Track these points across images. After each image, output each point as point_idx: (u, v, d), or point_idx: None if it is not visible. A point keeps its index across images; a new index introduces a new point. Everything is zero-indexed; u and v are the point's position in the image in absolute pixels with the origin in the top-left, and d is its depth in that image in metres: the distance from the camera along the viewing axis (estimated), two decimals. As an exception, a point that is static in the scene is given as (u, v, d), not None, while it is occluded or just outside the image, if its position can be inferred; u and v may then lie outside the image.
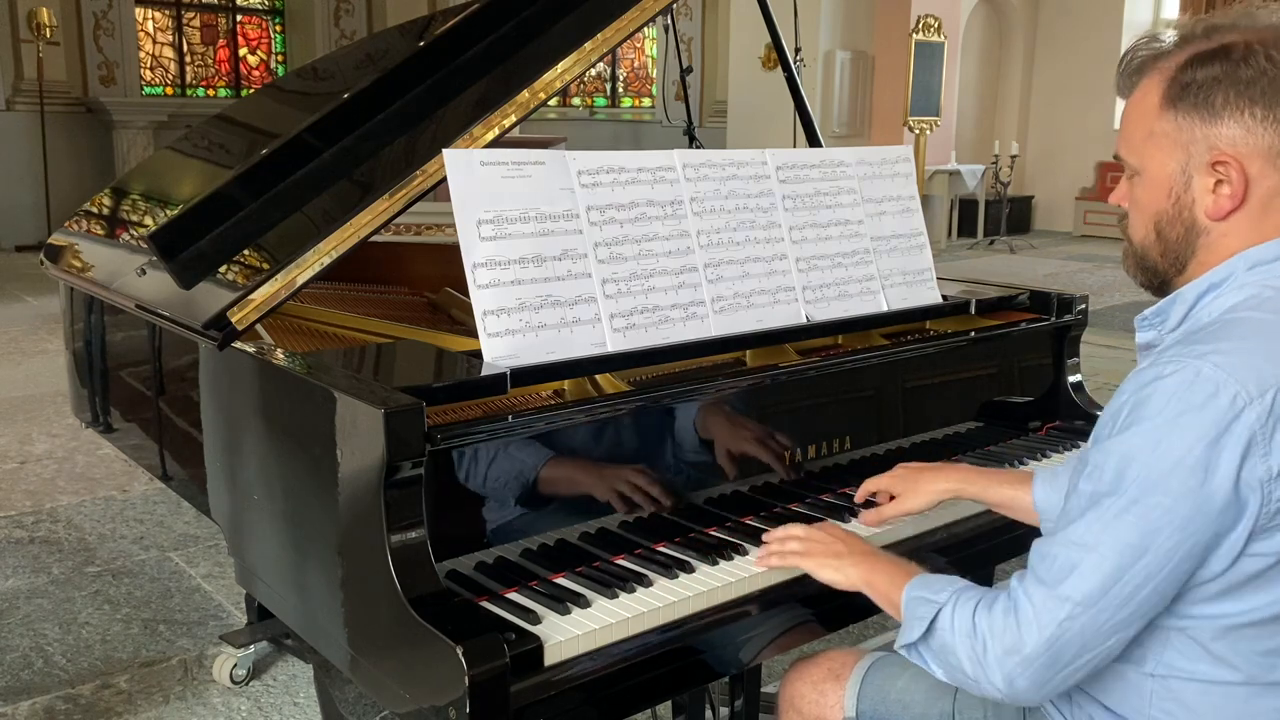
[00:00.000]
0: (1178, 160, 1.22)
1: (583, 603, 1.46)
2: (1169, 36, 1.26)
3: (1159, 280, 1.30)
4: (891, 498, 1.73)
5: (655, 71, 14.59)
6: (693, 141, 5.59)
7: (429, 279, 2.68)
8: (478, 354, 1.63)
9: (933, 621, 1.27)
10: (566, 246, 1.71)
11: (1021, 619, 1.18)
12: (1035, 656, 1.17)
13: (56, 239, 3.01)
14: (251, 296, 1.75)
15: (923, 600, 1.29)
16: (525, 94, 1.87)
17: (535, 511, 1.57)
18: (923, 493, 1.69)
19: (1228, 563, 1.14)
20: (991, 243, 11.99)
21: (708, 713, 2.10)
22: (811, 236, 2.01)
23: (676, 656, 1.48)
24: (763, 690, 2.14)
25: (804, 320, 1.96)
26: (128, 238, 2.73)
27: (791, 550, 1.52)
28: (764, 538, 1.59)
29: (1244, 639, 1.19)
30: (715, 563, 1.60)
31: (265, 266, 1.84)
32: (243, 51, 13.07)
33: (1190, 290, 1.25)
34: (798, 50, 7.18)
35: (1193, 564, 1.14)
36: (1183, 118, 1.21)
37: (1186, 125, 1.20)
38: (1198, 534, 1.12)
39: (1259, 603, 1.17)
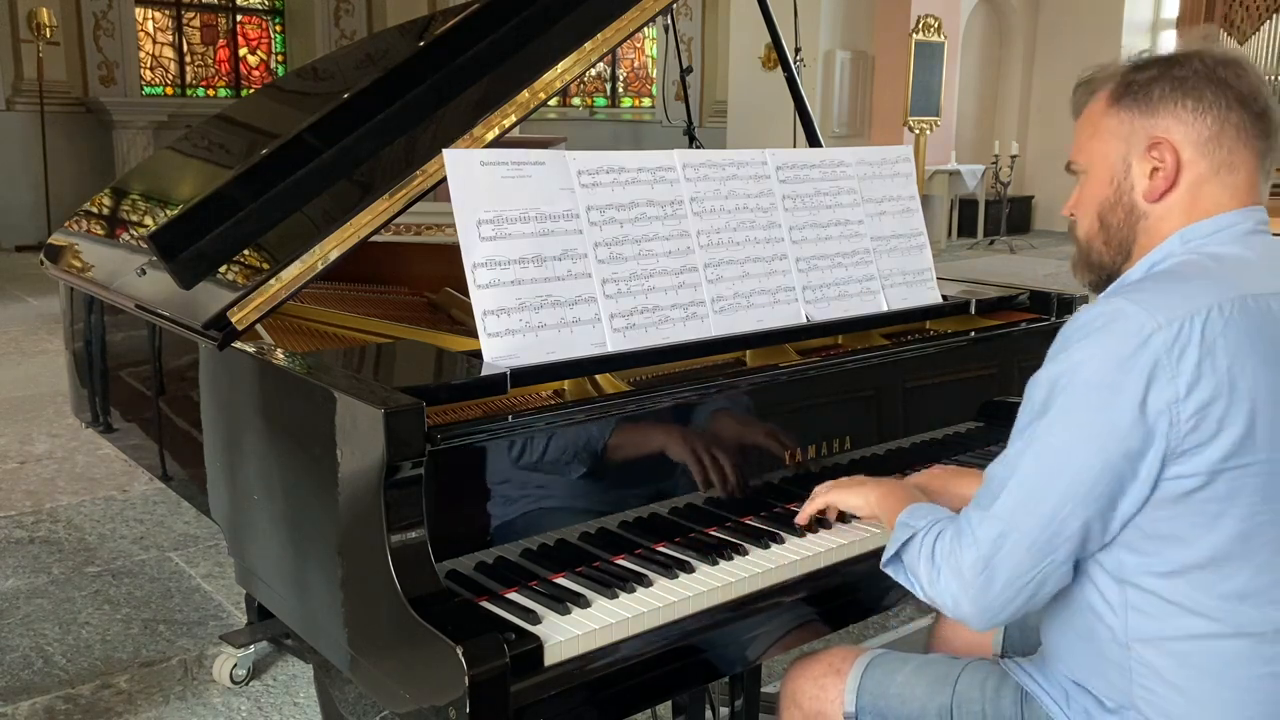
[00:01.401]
0: (1119, 151, 1.33)
1: (583, 603, 1.46)
2: (1116, 66, 1.39)
3: (1106, 274, 1.38)
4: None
5: (655, 71, 14.59)
6: (693, 141, 5.59)
7: (429, 279, 2.68)
8: (478, 354, 1.63)
9: (906, 543, 1.37)
10: (566, 246, 1.71)
11: (964, 541, 1.27)
12: (973, 577, 1.25)
13: (56, 239, 3.01)
14: (251, 296, 1.75)
15: (904, 525, 1.40)
16: (525, 94, 1.87)
17: (535, 511, 1.57)
18: (954, 497, 1.71)
19: (1147, 490, 1.20)
20: (991, 243, 12.00)
21: (708, 713, 2.10)
22: (811, 236, 2.01)
23: (676, 656, 1.48)
24: (763, 690, 2.15)
25: (804, 320, 1.96)
26: (128, 238, 2.73)
27: (821, 492, 1.67)
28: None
29: (1198, 584, 1.23)
30: (715, 563, 1.60)
31: (265, 266, 1.84)
32: (243, 51, 13.08)
33: (1135, 271, 1.34)
34: (798, 50, 7.18)
35: (1109, 486, 1.20)
36: (1124, 112, 1.33)
37: (1128, 119, 1.32)
38: (1109, 451, 1.19)
39: (1199, 546, 1.22)
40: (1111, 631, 1.28)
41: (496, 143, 1.84)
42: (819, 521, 1.75)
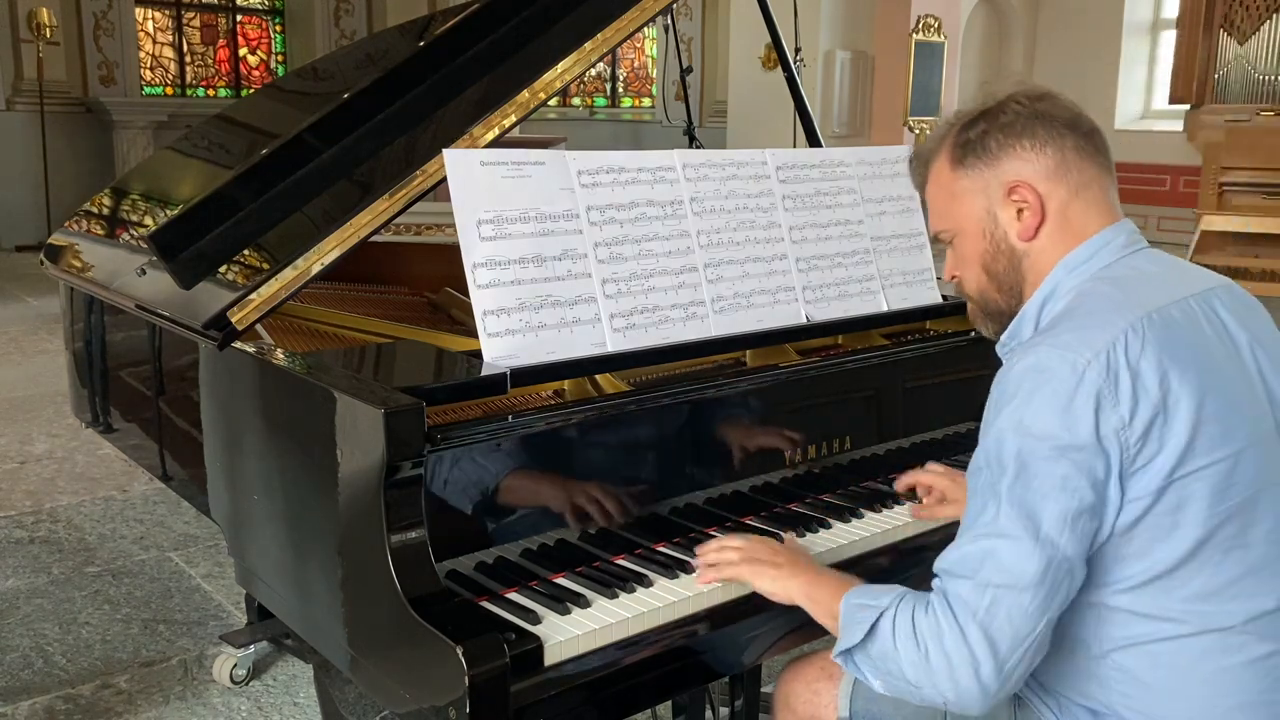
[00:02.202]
0: (981, 205, 1.40)
1: (583, 603, 1.46)
2: (939, 131, 1.46)
3: (1007, 320, 1.43)
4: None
5: (655, 71, 14.58)
6: (693, 141, 5.58)
7: (429, 279, 2.68)
8: (478, 354, 1.63)
9: (874, 626, 1.29)
10: (566, 246, 1.71)
11: (959, 615, 1.22)
12: (978, 650, 1.20)
13: (56, 239, 3.01)
14: (251, 296, 1.75)
15: (864, 606, 1.32)
16: (525, 94, 1.87)
17: (536, 512, 1.57)
18: None
19: (1114, 516, 1.22)
20: (991, 243, 11.98)
21: (708, 713, 2.10)
22: (812, 236, 2.01)
23: (676, 657, 1.48)
24: (762, 690, 2.15)
25: (804, 320, 1.96)
26: (128, 238, 2.73)
27: (729, 560, 1.51)
28: (697, 550, 1.57)
29: (1161, 591, 1.24)
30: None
31: (265, 266, 1.84)
32: (243, 51, 13.06)
33: (1030, 307, 1.39)
34: (798, 50, 7.17)
35: (1087, 526, 1.21)
36: (971, 169, 1.39)
37: (976, 174, 1.39)
38: (1080, 490, 1.20)
39: (1157, 558, 1.23)
40: (1087, 647, 1.30)
41: (496, 143, 1.84)
42: (818, 521, 1.75)
